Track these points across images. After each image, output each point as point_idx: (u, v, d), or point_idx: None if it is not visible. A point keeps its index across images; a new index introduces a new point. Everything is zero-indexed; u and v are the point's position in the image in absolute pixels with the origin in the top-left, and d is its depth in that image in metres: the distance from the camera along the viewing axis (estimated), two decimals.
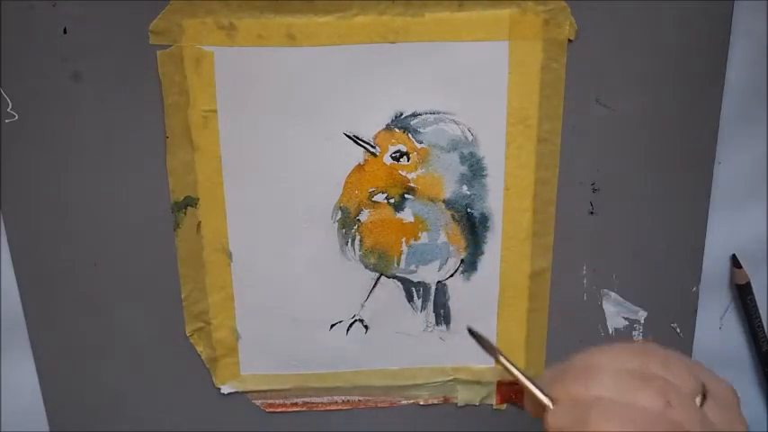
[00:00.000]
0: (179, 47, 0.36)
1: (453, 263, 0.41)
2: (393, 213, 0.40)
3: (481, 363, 0.43)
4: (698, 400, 0.30)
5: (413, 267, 0.41)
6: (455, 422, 0.45)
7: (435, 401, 0.44)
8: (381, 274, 0.41)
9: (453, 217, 0.40)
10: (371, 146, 0.39)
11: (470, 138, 0.39)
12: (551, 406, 0.30)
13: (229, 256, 0.40)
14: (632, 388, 0.30)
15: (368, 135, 0.38)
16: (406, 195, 0.40)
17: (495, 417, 0.44)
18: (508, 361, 0.31)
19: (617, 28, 0.37)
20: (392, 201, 0.40)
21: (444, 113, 0.38)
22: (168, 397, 0.43)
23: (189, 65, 0.36)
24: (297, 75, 0.37)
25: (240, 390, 0.43)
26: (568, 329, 0.43)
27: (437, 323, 0.42)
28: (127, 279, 0.41)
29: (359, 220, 0.40)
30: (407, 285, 0.41)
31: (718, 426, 0.30)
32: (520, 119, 0.38)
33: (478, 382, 0.43)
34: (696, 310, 0.43)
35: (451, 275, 0.41)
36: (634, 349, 0.32)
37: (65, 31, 0.36)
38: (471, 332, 0.32)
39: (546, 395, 0.31)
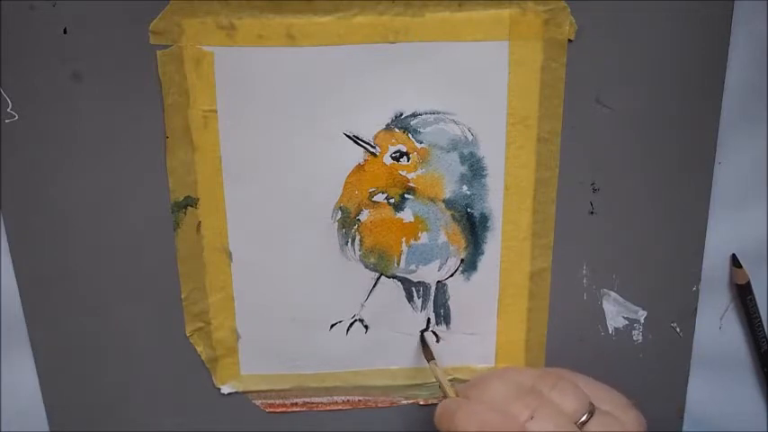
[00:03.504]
0: (179, 47, 0.36)
1: (453, 263, 0.41)
2: (393, 213, 0.40)
3: (481, 363, 0.43)
4: (583, 418, 0.33)
5: (413, 267, 0.41)
6: None
7: (435, 401, 0.44)
8: (381, 274, 0.41)
9: (453, 217, 0.40)
10: (371, 146, 0.39)
11: (470, 138, 0.39)
12: (450, 396, 0.36)
13: (229, 256, 0.40)
14: (509, 398, 0.34)
15: (368, 135, 0.38)
16: (406, 195, 0.40)
17: None
18: (436, 366, 0.40)
19: (617, 28, 0.37)
20: (392, 201, 0.40)
21: (444, 113, 0.38)
22: (168, 397, 0.43)
23: (189, 65, 0.36)
24: (297, 75, 0.37)
25: (240, 390, 0.43)
26: (568, 329, 0.43)
27: (437, 323, 0.42)
28: (127, 279, 0.41)
29: (359, 220, 0.40)
30: (407, 285, 0.41)
31: None
32: (520, 119, 0.38)
33: None
34: (696, 310, 0.43)
35: (451, 275, 0.41)
36: (542, 370, 0.36)
37: (65, 31, 0.36)
38: (422, 337, 0.41)
39: (453, 391, 0.36)
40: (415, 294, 0.42)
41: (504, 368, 0.37)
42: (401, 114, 0.38)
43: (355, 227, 0.40)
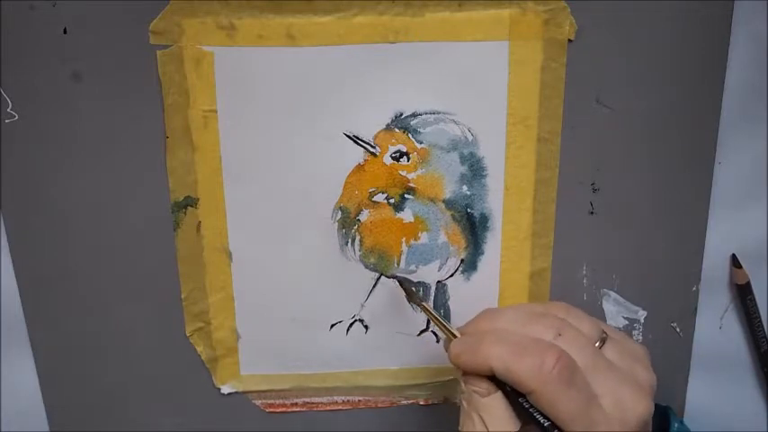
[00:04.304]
0: (179, 47, 0.36)
1: (453, 263, 0.41)
2: (393, 213, 0.40)
3: None
4: (598, 343, 0.33)
5: (413, 267, 0.41)
6: (455, 422, 0.44)
7: (435, 401, 0.44)
8: (381, 274, 0.41)
9: (453, 217, 0.40)
10: (371, 146, 0.39)
11: (470, 138, 0.39)
12: (456, 335, 0.35)
13: (229, 256, 0.40)
14: (529, 322, 0.34)
15: (368, 135, 0.38)
16: (406, 195, 0.40)
17: None
18: (427, 306, 0.38)
19: (617, 28, 0.37)
20: (392, 201, 0.40)
21: (444, 113, 0.38)
22: (168, 397, 0.43)
23: (189, 65, 0.36)
24: (297, 75, 0.37)
25: (240, 390, 0.43)
26: None
27: None
28: (127, 279, 0.41)
29: (359, 220, 0.40)
30: (407, 285, 0.41)
31: (618, 365, 0.33)
32: (520, 119, 0.38)
33: None
34: (696, 310, 0.43)
35: (451, 275, 0.41)
36: (546, 302, 0.37)
37: (65, 31, 0.36)
38: (402, 284, 0.40)
39: (457, 331, 0.36)
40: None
41: (502, 306, 0.37)
42: (401, 114, 0.38)
43: (355, 227, 0.40)
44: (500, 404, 0.33)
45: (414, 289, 0.41)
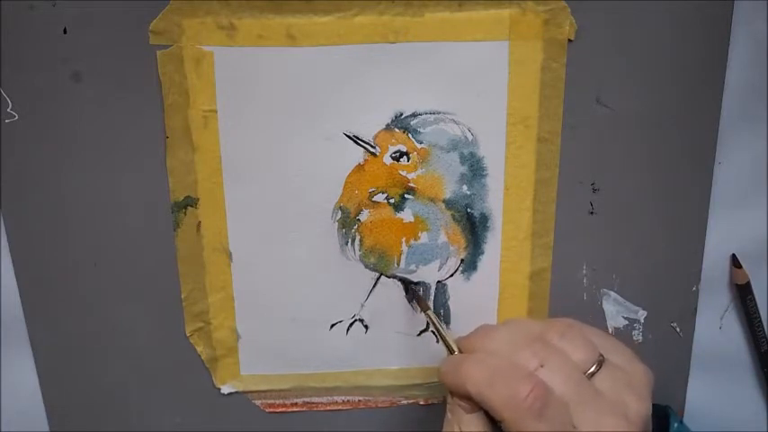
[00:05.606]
0: (179, 47, 0.36)
1: (453, 263, 0.41)
2: (393, 213, 0.40)
3: None
4: (592, 369, 0.33)
5: (413, 267, 0.41)
6: None
7: (435, 401, 0.44)
8: (381, 274, 0.41)
9: (453, 217, 0.40)
10: (371, 146, 0.39)
11: (470, 138, 0.39)
12: (456, 353, 0.35)
13: (229, 256, 0.40)
14: (516, 348, 0.33)
15: (368, 135, 0.38)
16: (406, 195, 0.40)
17: None
18: (434, 315, 0.38)
19: (617, 28, 0.37)
20: (392, 201, 0.40)
21: (444, 113, 0.38)
22: (168, 397, 0.43)
23: (189, 65, 0.36)
24: (297, 75, 0.37)
25: (240, 390, 0.43)
26: None
27: None
28: (127, 279, 0.41)
29: (359, 220, 0.40)
30: (416, 290, 0.41)
31: (607, 395, 0.32)
32: (520, 119, 0.38)
33: None
34: (696, 310, 0.43)
35: (451, 275, 0.41)
36: (550, 320, 0.35)
37: (65, 31, 0.36)
38: (410, 289, 0.40)
39: (457, 346, 0.36)
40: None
41: (509, 319, 0.37)
42: (401, 114, 0.38)
43: (355, 227, 0.40)
44: (480, 422, 0.33)
45: (422, 294, 0.41)
